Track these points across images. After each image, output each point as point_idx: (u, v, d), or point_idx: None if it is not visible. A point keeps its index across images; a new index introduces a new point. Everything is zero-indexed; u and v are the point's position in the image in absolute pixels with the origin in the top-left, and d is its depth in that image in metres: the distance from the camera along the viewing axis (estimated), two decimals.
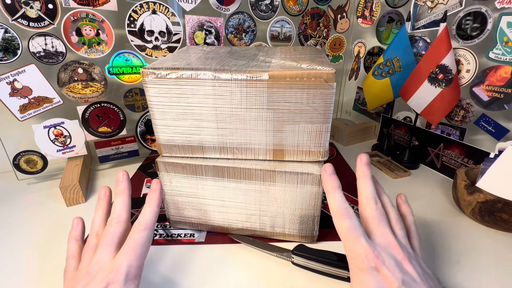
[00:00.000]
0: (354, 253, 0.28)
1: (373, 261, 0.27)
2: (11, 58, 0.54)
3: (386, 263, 0.27)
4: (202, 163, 0.42)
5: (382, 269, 0.26)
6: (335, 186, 0.32)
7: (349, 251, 0.29)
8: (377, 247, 0.28)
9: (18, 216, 0.52)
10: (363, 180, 0.33)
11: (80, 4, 0.55)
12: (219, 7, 0.68)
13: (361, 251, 0.27)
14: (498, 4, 0.54)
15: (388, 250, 0.28)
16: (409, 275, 0.27)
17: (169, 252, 0.44)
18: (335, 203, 0.31)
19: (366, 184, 0.33)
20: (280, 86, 0.36)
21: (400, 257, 0.28)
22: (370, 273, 0.27)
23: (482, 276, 0.40)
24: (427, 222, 0.51)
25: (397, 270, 0.26)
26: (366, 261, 0.27)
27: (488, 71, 0.57)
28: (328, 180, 0.32)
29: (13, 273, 0.40)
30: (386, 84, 0.70)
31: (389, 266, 0.26)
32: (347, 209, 0.30)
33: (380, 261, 0.27)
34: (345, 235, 0.29)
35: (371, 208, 0.31)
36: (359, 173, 0.34)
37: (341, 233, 0.30)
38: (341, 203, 0.30)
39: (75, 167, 0.60)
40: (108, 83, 0.63)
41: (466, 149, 0.61)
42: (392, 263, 0.27)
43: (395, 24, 0.75)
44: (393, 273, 0.26)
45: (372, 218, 0.31)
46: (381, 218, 0.30)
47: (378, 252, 0.27)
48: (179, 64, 0.39)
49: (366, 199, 0.32)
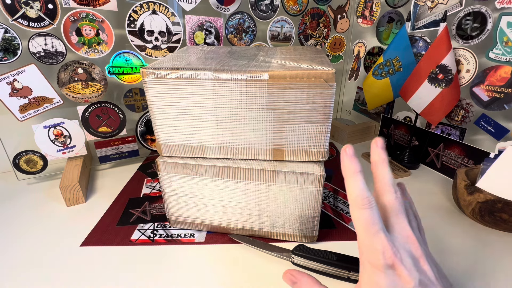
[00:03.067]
0: (371, 248, 0.26)
1: (390, 259, 0.25)
2: (11, 58, 0.54)
3: (404, 261, 0.25)
4: (202, 163, 0.42)
5: (399, 268, 0.25)
6: (356, 170, 0.28)
7: (364, 246, 0.26)
8: (396, 242, 0.26)
9: (18, 216, 0.52)
10: (381, 165, 0.30)
11: (80, 4, 0.55)
12: (219, 7, 0.68)
13: (379, 247, 0.25)
14: (498, 4, 0.54)
15: (406, 246, 0.26)
16: (426, 275, 0.25)
17: (169, 252, 0.44)
18: (355, 190, 0.27)
19: (385, 170, 0.29)
20: (280, 86, 0.36)
21: (418, 254, 0.26)
22: (384, 271, 0.25)
23: (482, 276, 0.40)
24: (427, 222, 0.50)
25: (414, 269, 0.25)
26: (382, 258, 0.25)
27: (488, 71, 0.57)
28: (348, 163, 0.28)
29: (13, 273, 0.40)
30: (386, 84, 0.70)
31: (406, 265, 0.25)
32: (368, 198, 0.26)
33: (398, 258, 0.25)
34: (363, 228, 0.26)
35: (391, 196, 0.28)
36: (376, 158, 0.30)
37: (358, 224, 0.27)
38: (362, 190, 0.27)
39: (75, 167, 0.60)
40: (108, 83, 0.63)
41: (466, 149, 0.61)
42: (410, 261, 0.25)
43: (395, 24, 0.75)
44: (410, 272, 0.25)
45: (391, 207, 0.28)
46: (400, 209, 0.28)
47: (397, 248, 0.25)
48: (179, 64, 0.39)
49: (386, 185, 0.29)
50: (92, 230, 0.48)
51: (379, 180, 0.30)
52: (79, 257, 0.43)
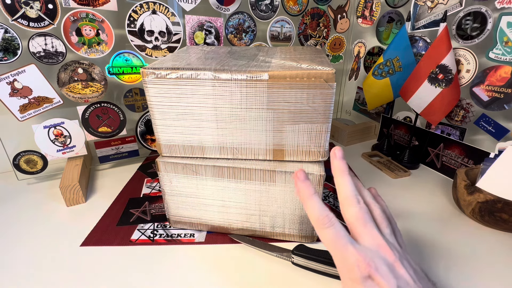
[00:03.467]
0: (345, 264, 0.26)
1: (365, 270, 0.25)
2: (11, 58, 0.54)
3: (379, 269, 0.25)
4: (202, 163, 0.42)
5: (376, 277, 0.25)
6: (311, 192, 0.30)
7: (339, 263, 0.27)
8: (367, 252, 0.26)
9: (18, 216, 0.52)
10: (340, 177, 0.30)
11: (80, 4, 0.55)
12: (219, 7, 0.68)
13: (352, 260, 0.26)
14: (498, 4, 0.54)
15: (379, 254, 0.27)
16: (403, 279, 0.26)
17: (169, 252, 0.44)
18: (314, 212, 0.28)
19: (344, 182, 0.30)
20: (280, 86, 0.36)
21: (391, 260, 0.26)
22: (363, 283, 0.25)
23: (483, 276, 0.40)
24: (427, 222, 0.51)
25: (391, 276, 0.25)
26: (358, 271, 0.25)
27: (488, 71, 0.57)
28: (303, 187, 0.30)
29: (13, 273, 0.40)
30: (386, 84, 0.70)
31: (382, 273, 0.25)
32: (328, 217, 0.27)
33: (373, 268, 0.25)
34: (331, 246, 0.27)
35: (354, 208, 0.29)
36: (335, 169, 0.31)
37: (326, 244, 0.27)
38: (320, 211, 0.28)
39: (75, 167, 0.60)
40: (108, 83, 0.63)
41: (466, 149, 0.61)
42: (385, 268, 0.25)
43: (395, 24, 0.75)
44: (387, 280, 0.25)
45: (356, 219, 0.28)
46: (366, 218, 0.28)
47: (370, 258, 0.26)
48: (179, 64, 0.39)
49: (346, 199, 0.29)
50: (92, 230, 0.48)
51: (340, 193, 0.30)
52: (79, 257, 0.43)
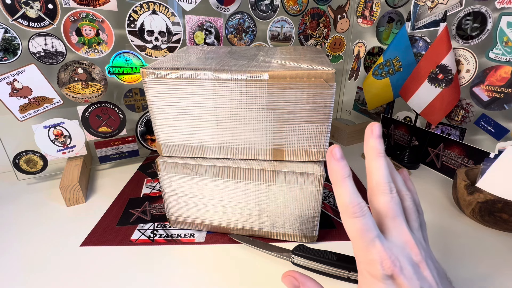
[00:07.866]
0: (367, 259, 0.24)
1: (389, 269, 0.23)
2: (11, 58, 0.54)
3: (404, 270, 0.23)
4: (202, 163, 0.42)
5: (399, 278, 0.23)
6: (345, 175, 0.25)
7: (361, 256, 0.24)
8: (394, 249, 0.24)
9: (18, 216, 0.52)
10: (374, 160, 0.26)
11: (80, 4, 0.55)
12: (219, 7, 0.68)
13: (376, 257, 0.23)
14: (498, 4, 0.54)
15: (405, 251, 0.24)
16: (426, 282, 0.24)
17: (169, 252, 0.44)
18: (345, 197, 0.24)
19: (379, 166, 0.25)
20: (280, 86, 0.36)
21: (417, 259, 0.24)
22: (384, 281, 0.23)
23: (483, 276, 0.40)
24: (427, 222, 0.50)
25: (415, 278, 0.23)
26: (381, 268, 0.23)
27: (488, 71, 0.57)
28: (336, 167, 0.25)
29: (13, 273, 0.40)
30: (386, 84, 0.70)
31: (406, 274, 0.23)
32: (360, 205, 0.24)
33: (398, 268, 0.23)
34: (357, 238, 0.24)
35: (386, 197, 0.25)
36: (369, 150, 0.26)
37: (352, 234, 0.24)
38: (352, 197, 0.24)
39: (75, 167, 0.60)
40: (108, 83, 0.63)
41: (466, 149, 0.61)
42: (410, 269, 0.23)
43: (395, 24, 0.75)
44: (410, 281, 0.23)
45: (386, 210, 0.25)
46: (397, 211, 0.25)
47: (395, 256, 0.23)
48: (179, 64, 0.39)
49: (379, 185, 0.25)
50: (92, 230, 0.48)
51: (372, 179, 0.26)
52: (79, 257, 0.43)
